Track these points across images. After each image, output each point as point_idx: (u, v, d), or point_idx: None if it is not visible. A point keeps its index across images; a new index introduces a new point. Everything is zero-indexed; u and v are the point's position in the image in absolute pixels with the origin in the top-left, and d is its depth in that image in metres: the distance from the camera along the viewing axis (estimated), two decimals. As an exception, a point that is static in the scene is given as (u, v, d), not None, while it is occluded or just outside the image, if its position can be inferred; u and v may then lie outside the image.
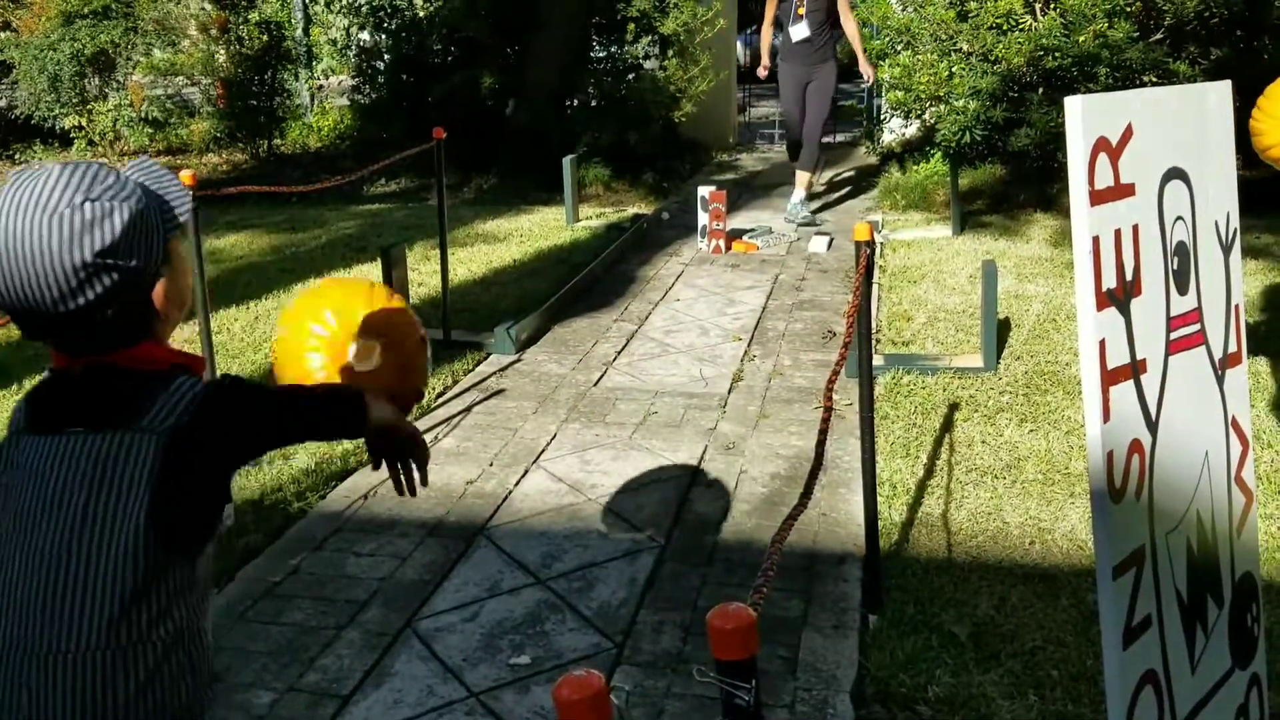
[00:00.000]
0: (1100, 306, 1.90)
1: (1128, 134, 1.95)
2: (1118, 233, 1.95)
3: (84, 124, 11.10)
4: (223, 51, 11.36)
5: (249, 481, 3.90)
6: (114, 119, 11.09)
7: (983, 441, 4.14)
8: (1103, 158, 1.89)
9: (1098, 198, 1.89)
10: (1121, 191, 1.95)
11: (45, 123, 11.11)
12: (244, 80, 11.18)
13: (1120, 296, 1.98)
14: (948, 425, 4.33)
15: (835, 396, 4.55)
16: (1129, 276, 1.99)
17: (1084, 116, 1.83)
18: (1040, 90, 7.67)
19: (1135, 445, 2.02)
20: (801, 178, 8.28)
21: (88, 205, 1.27)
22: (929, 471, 3.93)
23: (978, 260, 6.43)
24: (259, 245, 7.66)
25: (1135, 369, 2.01)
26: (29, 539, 1.31)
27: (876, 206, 8.77)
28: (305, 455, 4.11)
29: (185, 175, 3.40)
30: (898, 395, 4.64)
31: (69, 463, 1.31)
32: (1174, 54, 7.46)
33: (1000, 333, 5.21)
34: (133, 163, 1.43)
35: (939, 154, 8.57)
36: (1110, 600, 1.99)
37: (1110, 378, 1.95)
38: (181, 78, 11.65)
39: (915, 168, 9.18)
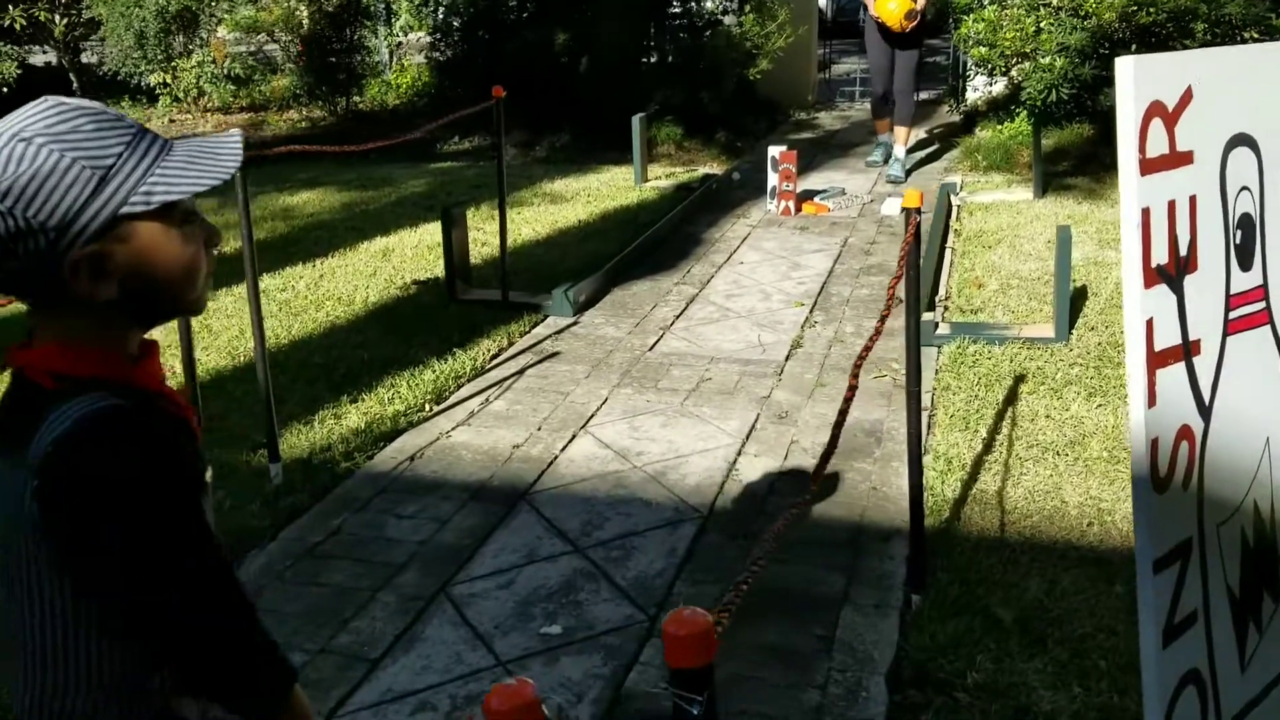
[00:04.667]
0: (1148, 283, 1.77)
1: (1186, 98, 1.81)
2: (1171, 204, 1.81)
3: (169, 81, 11.29)
4: (304, 8, 11.42)
5: (299, 440, 3.93)
6: (197, 76, 11.26)
7: (1047, 416, 3.99)
8: (1156, 123, 1.75)
9: (1149, 166, 1.75)
10: (1177, 160, 1.80)
11: (132, 79, 11.32)
12: (323, 37, 11.24)
13: (1172, 272, 1.84)
14: (1012, 398, 4.17)
15: (895, 366, 4.44)
16: (1183, 251, 1.85)
17: (1136, 80, 1.69)
18: (1133, 47, 7.32)
19: (1184, 432, 1.89)
20: (900, 133, 8.27)
21: (17, 141, 1.14)
22: (988, 446, 3.79)
23: (1058, 225, 6.19)
24: (330, 202, 7.71)
25: (1187, 350, 1.87)
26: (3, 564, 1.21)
27: (956, 167, 8.51)
28: (357, 415, 4.12)
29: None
30: (962, 366, 4.49)
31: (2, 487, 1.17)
32: (1278, 8, 7.06)
33: (1075, 302, 5.01)
34: (224, 133, 1.25)
35: (1024, 113, 8.26)
36: (1150, 596, 1.87)
37: (1158, 360, 1.82)
38: (264, 35, 11.76)
39: (999, 127, 8.87)
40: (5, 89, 11.05)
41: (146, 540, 1.12)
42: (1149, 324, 1.79)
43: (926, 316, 4.92)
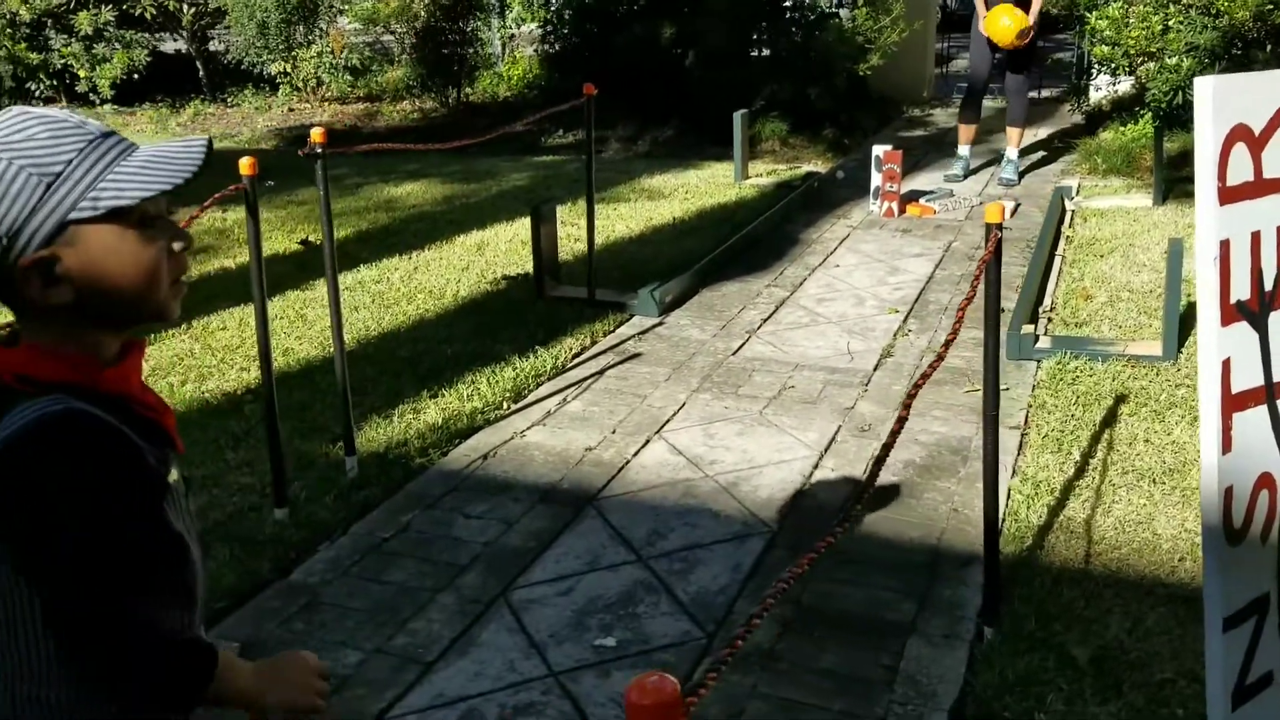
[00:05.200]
0: (1226, 320, 1.64)
1: (1277, 120, 1.66)
2: (1256, 235, 1.67)
3: (289, 70, 11.59)
4: (420, 0, 11.60)
5: (377, 434, 3.97)
6: (316, 66, 11.53)
7: (1146, 440, 3.78)
8: (1239, 148, 1.61)
9: (1230, 195, 1.62)
10: (1263, 188, 1.66)
11: (254, 68, 11.66)
12: (438, 29, 11.39)
13: (1255, 309, 1.70)
14: (1110, 419, 3.98)
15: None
16: (1268, 286, 1.71)
17: (1216, 102, 1.56)
18: (1268, 48, 6.92)
19: (1264, 480, 1.75)
20: (1013, 134, 7.83)
21: None
22: (1080, 470, 3.62)
23: (1176, 235, 5.89)
24: (432, 194, 7.81)
25: (1270, 393, 1.73)
26: None
27: (1073, 170, 8.18)
28: (435, 410, 4.15)
29: (315, 133, 3.40)
30: (1060, 383, 4.30)
31: None
32: None
33: (1187, 318, 4.75)
34: (176, 140, 1.28)
35: (1148, 115, 7.89)
36: (1219, 655, 1.74)
37: (1235, 402, 1.68)
38: (381, 26, 11.99)
39: (1122, 129, 8.49)
40: (135, 75, 11.51)
41: (82, 541, 1.14)
42: (1225, 364, 1.65)
43: (1027, 329, 4.73)
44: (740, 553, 3.21)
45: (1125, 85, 9.07)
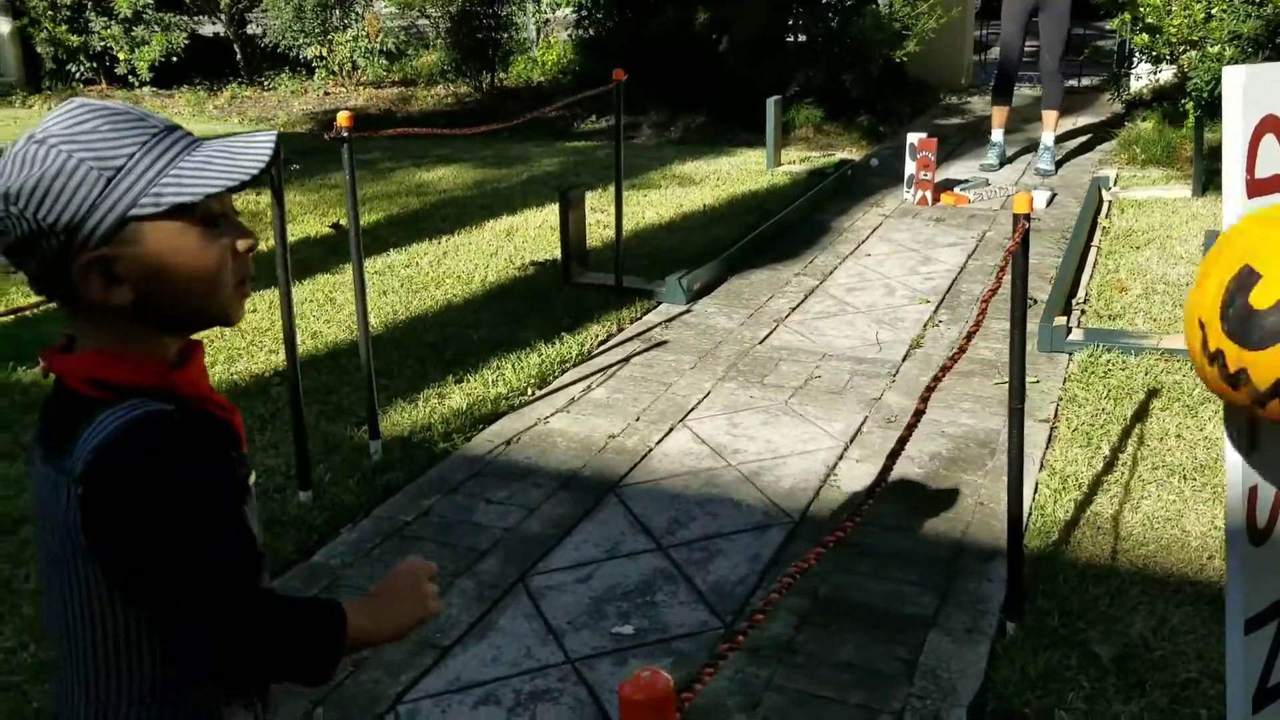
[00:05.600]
0: (1253, 317, 1.60)
1: (1310, 109, 1.61)
2: (1286, 229, 1.62)
3: (324, 54, 11.64)
4: (455, -17, 11.61)
5: (402, 418, 3.98)
6: (351, 50, 11.57)
7: (1178, 435, 3.72)
8: (1269, 140, 1.57)
9: (1259, 188, 1.57)
10: (1294, 179, 1.62)
11: (291, 52, 11.72)
12: (473, 13, 11.39)
13: (1284, 305, 1.66)
14: (1142, 413, 3.92)
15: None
16: (1298, 281, 1.66)
17: (1246, 92, 1.52)
18: (1314, 36, 6.77)
19: (1292, 481, 1.71)
20: (1049, 118, 7.65)
21: (32, 143, 1.14)
22: (1109, 465, 3.57)
23: (1215, 227, 5.80)
24: (463, 179, 7.82)
25: (1299, 391, 1.69)
26: (42, 558, 1.23)
27: (1112, 160, 8.06)
28: (460, 396, 4.16)
29: (342, 116, 3.40)
30: (1091, 376, 4.24)
31: (37, 490, 1.20)
32: None
33: (1223, 312, 4.67)
34: (258, 132, 1.22)
35: (1190, 105, 7.76)
36: (1239, 657, 1.70)
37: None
38: (417, 10, 12.01)
39: (1161, 125, 8.35)
40: (174, 58, 11.60)
41: (183, 544, 1.12)
42: (1252, 361, 1.61)
43: (1059, 321, 4.67)
44: (761, 543, 3.20)
45: (1166, 74, 8.91)
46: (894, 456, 1.74)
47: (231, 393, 4.21)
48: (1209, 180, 7.01)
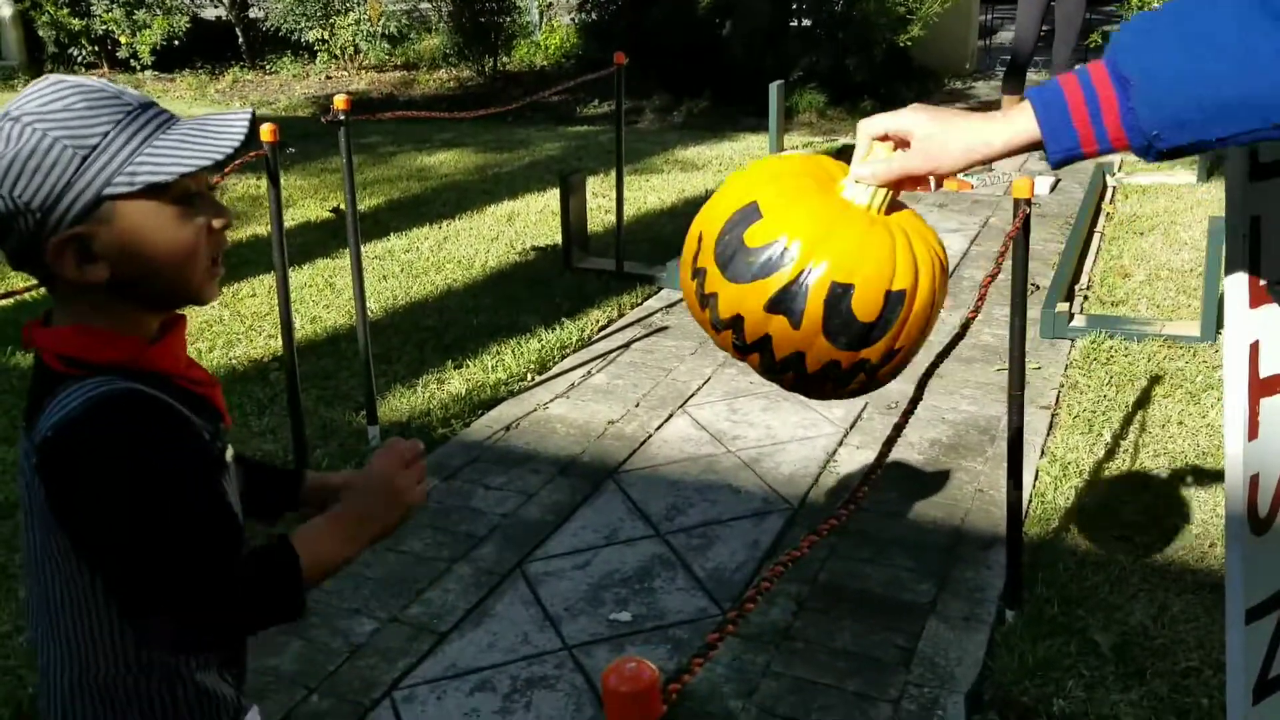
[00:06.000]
0: (1256, 302, 1.58)
1: (1315, 92, 1.59)
2: (1290, 213, 1.60)
3: (326, 38, 11.60)
4: (457, -33, 11.55)
5: (400, 403, 3.97)
6: (353, 33, 11.53)
7: (1180, 423, 3.70)
8: (1273, 122, 1.54)
9: (1262, 171, 1.55)
10: (1299, 162, 1.59)
11: (293, 35, 11.67)
12: (474, -4, 11.35)
13: (1287, 291, 1.63)
14: (1144, 400, 3.89)
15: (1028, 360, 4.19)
16: (1302, 266, 1.64)
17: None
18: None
19: (1293, 469, 1.69)
20: None
21: (6, 120, 1.13)
22: (1110, 452, 3.55)
23: (1220, 212, 5.76)
24: (465, 164, 7.79)
25: (1301, 378, 1.67)
26: (27, 532, 1.22)
27: (1116, 146, 8.00)
28: (459, 381, 4.14)
29: (339, 100, 3.38)
30: (1094, 362, 4.22)
31: (20, 457, 1.21)
32: None
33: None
34: (234, 111, 1.23)
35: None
36: (1239, 648, 1.68)
37: (1263, 387, 1.62)
38: (418, -7, 11.97)
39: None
40: (176, 42, 11.56)
41: (146, 524, 1.11)
42: (1253, 347, 1.59)
43: (1062, 307, 4.64)
44: (759, 530, 3.18)
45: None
46: (889, 444, 1.73)
47: (229, 377, 4.20)
48: (1214, 166, 6.97)
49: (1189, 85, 1.05)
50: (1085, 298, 4.98)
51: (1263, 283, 1.58)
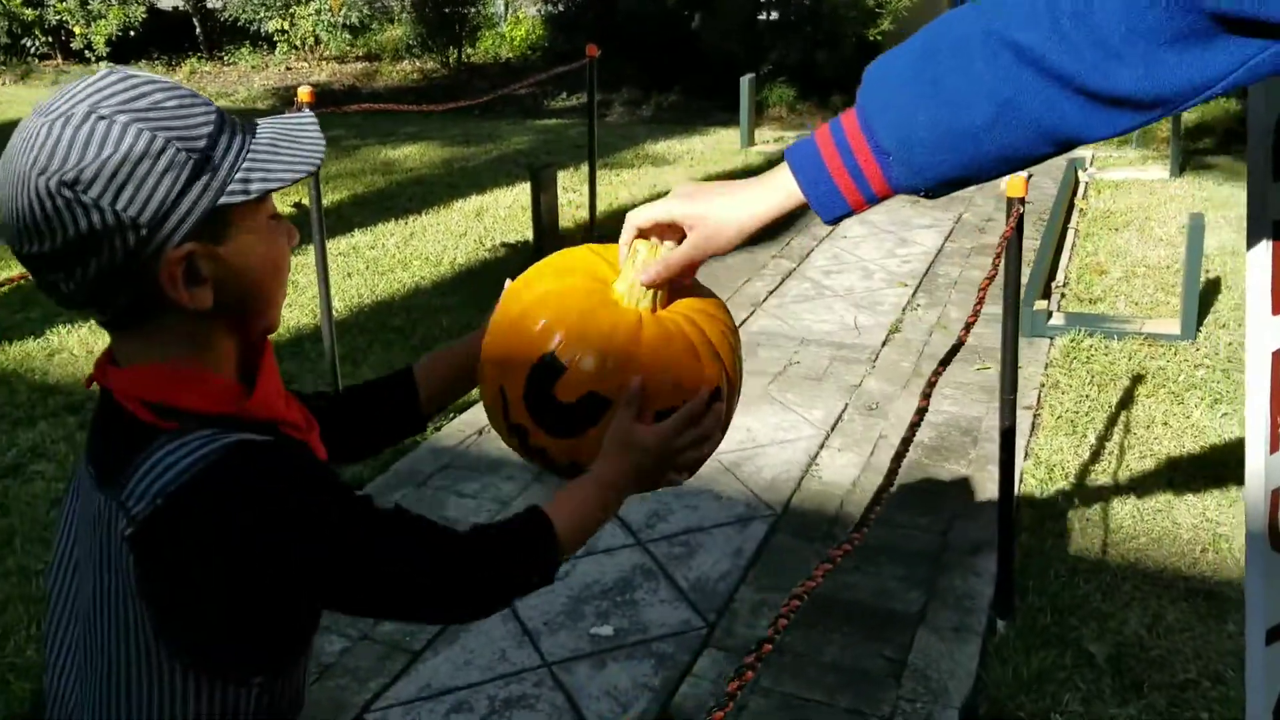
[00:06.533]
0: (1278, 309, 1.50)
1: (1343, 89, 1.51)
2: (1316, 216, 1.52)
3: (286, 28, 11.38)
4: (421, -43, 11.37)
5: (368, 407, 3.84)
6: (314, 24, 11.32)
7: (1164, 423, 3.65)
8: (1301, 120, 1.46)
9: (1290, 171, 1.47)
10: (1327, 163, 1.52)
11: (251, 26, 11.45)
12: (439, -13, 11.18)
13: (1312, 298, 1.56)
14: (1127, 400, 3.84)
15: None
16: (1327, 272, 1.56)
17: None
18: (1290, 15, 6.73)
19: (1316, 484, 1.62)
20: None
21: (92, 119, 0.94)
22: (1095, 454, 3.49)
23: (1194, 208, 5.74)
24: (431, 157, 7.64)
25: (1325, 389, 1.59)
26: (67, 585, 1.07)
27: (1086, 141, 8.00)
28: (429, 383, 4.02)
29: (303, 92, 3.25)
30: (1074, 361, 4.16)
31: (83, 506, 1.04)
32: None
33: (1206, 296, 4.62)
34: (285, 115, 1.08)
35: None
36: (1260, 670, 1.61)
37: (1287, 399, 1.55)
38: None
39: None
40: (132, 32, 11.30)
41: (355, 554, 1.00)
42: (1276, 356, 1.52)
43: (1040, 305, 4.59)
44: (742, 537, 3.09)
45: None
46: (899, 459, 1.64)
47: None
48: (1186, 161, 6.97)
49: (949, 149, 1.02)
50: (1062, 295, 4.93)
51: (1290, 290, 1.51)
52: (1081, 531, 3.08)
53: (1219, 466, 3.36)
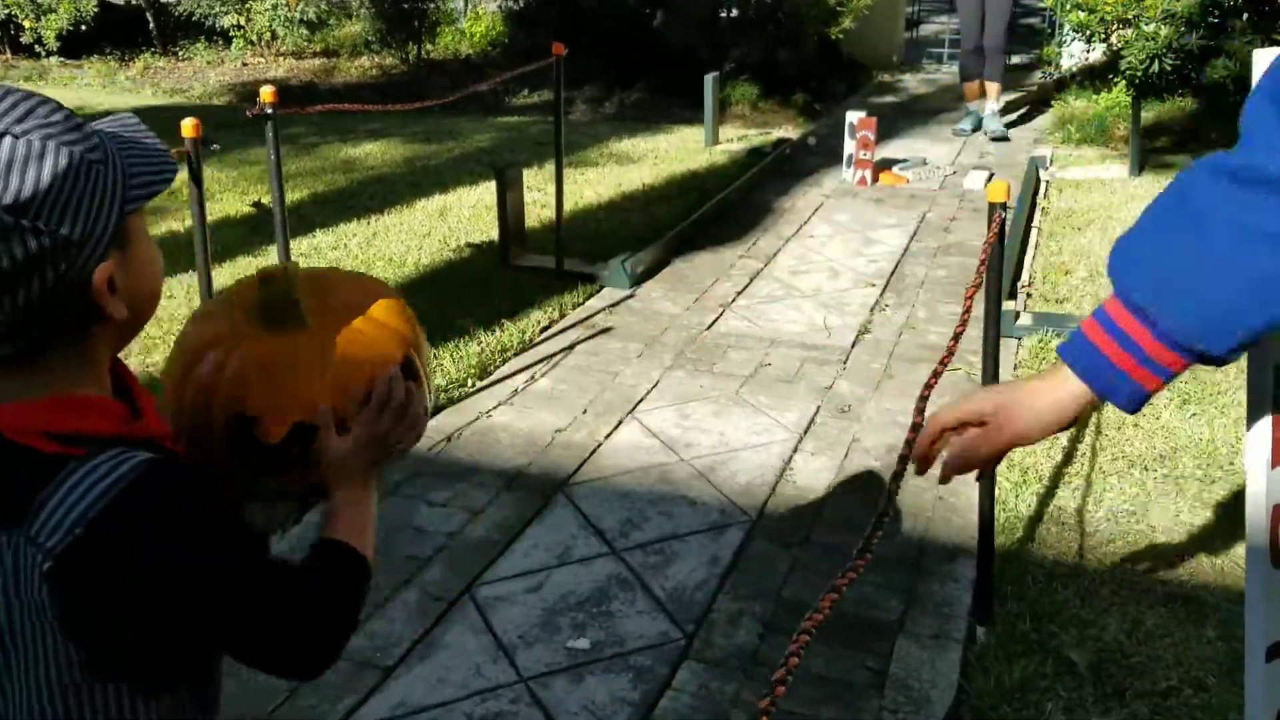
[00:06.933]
0: (1283, 323, 1.48)
1: (1343, 98, 1.49)
2: (1316, 228, 1.50)
3: (242, 23, 11.18)
4: (378, -49, 11.20)
5: (334, 414, 3.75)
6: (270, 19, 11.12)
7: (1135, 424, 3.66)
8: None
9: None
10: (1326, 174, 1.50)
11: (206, 20, 11.23)
12: (397, -18, 11.02)
13: (1312, 310, 1.54)
14: (1096, 402, 3.84)
15: (972, 360, 4.12)
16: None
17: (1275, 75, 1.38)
18: (1245, 16, 6.79)
19: (1314, 498, 1.60)
20: (992, 88, 8.04)
21: (7, 140, 0.90)
22: (1068, 457, 3.49)
23: (1154, 208, 5.77)
24: (392, 156, 7.53)
25: (1324, 402, 1.58)
26: None
27: (1046, 139, 8.05)
28: (395, 388, 3.93)
29: (265, 91, 3.16)
30: (1043, 362, 4.16)
31: None
32: None
33: (1171, 295, 4.63)
34: (110, 118, 1.04)
35: (1122, 84, 7.77)
36: (1260, 688, 1.59)
37: (1289, 412, 1.53)
38: (339, -22, 11.59)
39: (1095, 98, 8.37)
40: (83, 26, 11.04)
41: (245, 589, 1.02)
42: (1278, 367, 1.50)
43: (1008, 306, 4.58)
44: (719, 544, 3.05)
45: (1097, 53, 8.93)
46: (897, 479, 1.60)
47: (147, 388, 3.94)
48: (1145, 160, 7.02)
49: (1200, 285, 1.02)
50: (1029, 296, 4.93)
51: (1290, 302, 1.48)
52: (1058, 536, 3.07)
53: (1190, 468, 3.37)
